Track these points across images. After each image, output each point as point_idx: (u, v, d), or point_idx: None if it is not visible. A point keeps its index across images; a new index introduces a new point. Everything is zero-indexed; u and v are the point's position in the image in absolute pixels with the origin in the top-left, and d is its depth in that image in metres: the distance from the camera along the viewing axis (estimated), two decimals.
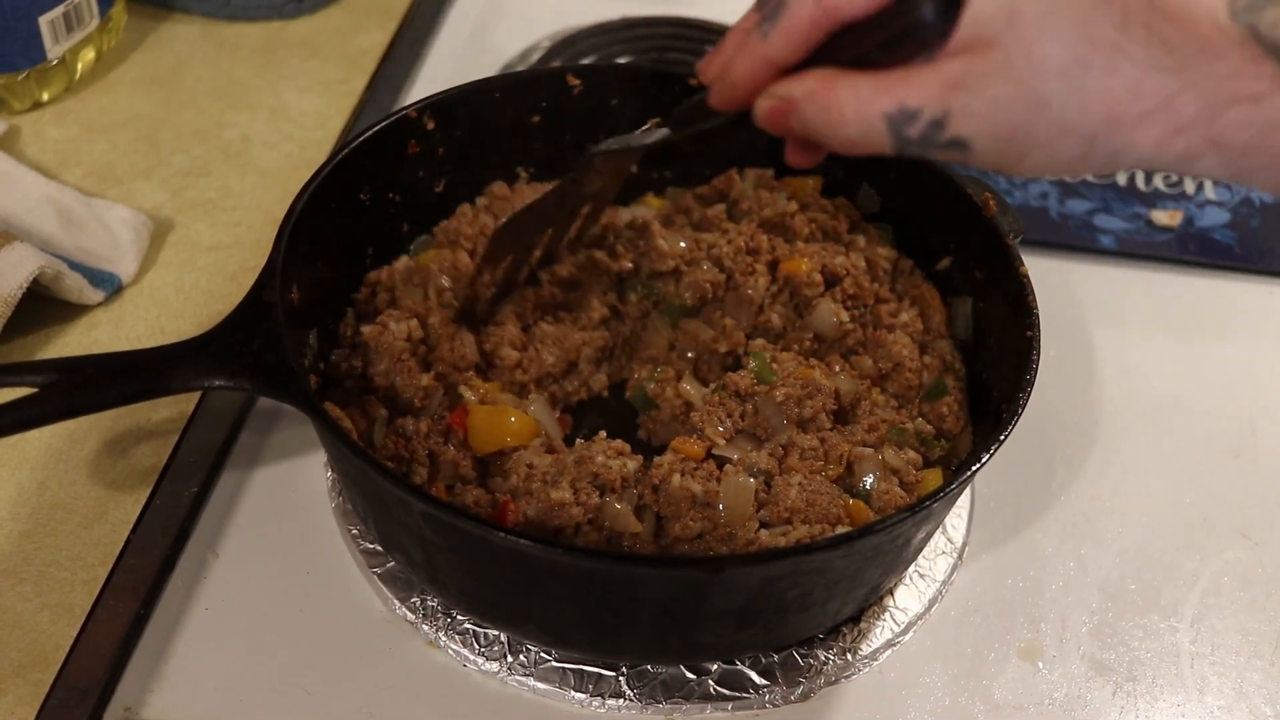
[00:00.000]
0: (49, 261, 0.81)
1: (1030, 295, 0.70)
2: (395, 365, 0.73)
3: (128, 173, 0.95)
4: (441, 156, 0.82)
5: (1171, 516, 0.79)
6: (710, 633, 0.63)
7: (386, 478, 0.60)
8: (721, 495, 0.67)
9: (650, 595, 0.61)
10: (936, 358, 0.76)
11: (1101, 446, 0.82)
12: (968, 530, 0.76)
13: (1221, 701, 0.70)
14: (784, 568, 0.60)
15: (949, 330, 0.78)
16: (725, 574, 0.59)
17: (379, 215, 0.80)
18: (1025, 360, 0.67)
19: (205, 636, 0.68)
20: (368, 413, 0.72)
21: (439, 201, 0.83)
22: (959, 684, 0.69)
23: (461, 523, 0.59)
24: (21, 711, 0.64)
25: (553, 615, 0.64)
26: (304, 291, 0.71)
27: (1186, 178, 1.03)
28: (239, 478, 0.76)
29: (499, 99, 0.82)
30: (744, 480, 0.67)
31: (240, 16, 1.11)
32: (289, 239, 0.69)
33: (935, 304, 0.79)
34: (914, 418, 0.73)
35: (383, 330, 0.74)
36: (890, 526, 0.60)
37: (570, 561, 0.60)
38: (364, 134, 0.77)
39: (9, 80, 0.96)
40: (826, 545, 0.61)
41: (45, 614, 0.68)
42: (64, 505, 0.73)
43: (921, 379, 0.75)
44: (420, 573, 0.67)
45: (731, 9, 1.15)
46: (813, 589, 0.62)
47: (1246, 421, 0.85)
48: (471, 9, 1.17)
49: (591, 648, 0.67)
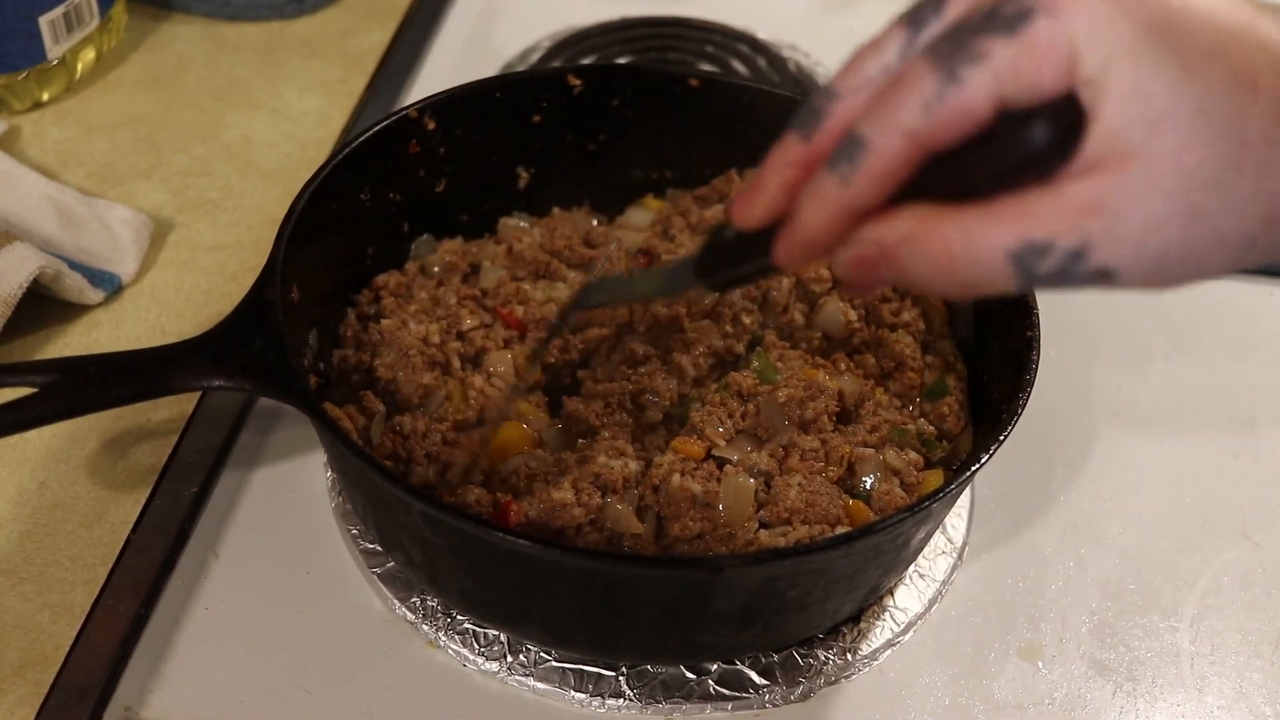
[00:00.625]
0: (49, 261, 0.81)
1: (1031, 295, 0.70)
2: (401, 360, 0.73)
3: (128, 173, 0.95)
4: (443, 156, 0.81)
5: (1171, 517, 0.79)
6: (711, 633, 0.63)
7: (386, 478, 0.60)
8: (721, 495, 0.67)
9: (651, 596, 0.61)
10: (938, 357, 0.76)
11: (1101, 446, 0.82)
12: (968, 530, 0.76)
13: (1221, 701, 0.70)
14: (784, 568, 0.60)
15: (950, 330, 0.78)
16: (725, 574, 0.59)
17: (380, 215, 0.80)
18: (1025, 361, 0.67)
19: (205, 636, 0.68)
20: (366, 409, 0.72)
21: (440, 201, 0.83)
22: (959, 684, 0.69)
23: (461, 524, 0.59)
24: (22, 711, 0.64)
25: (554, 616, 0.64)
26: (304, 291, 0.71)
27: None
28: (239, 478, 0.76)
29: (500, 99, 0.82)
30: (743, 481, 0.67)
31: (241, 16, 1.11)
32: (289, 238, 0.69)
33: (937, 303, 0.79)
34: (916, 418, 0.73)
35: (401, 326, 0.75)
36: (889, 527, 0.60)
37: (572, 562, 0.60)
38: (365, 134, 0.77)
39: (9, 80, 0.96)
40: (826, 545, 0.61)
41: (45, 614, 0.68)
42: (64, 505, 0.73)
43: (923, 378, 0.75)
44: (420, 573, 0.66)
45: (729, 9, 1.16)
46: (812, 589, 0.62)
47: (1247, 422, 0.85)
48: (471, 9, 1.17)
49: (592, 648, 0.67)
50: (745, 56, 1.11)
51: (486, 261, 0.81)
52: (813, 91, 0.49)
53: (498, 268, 0.80)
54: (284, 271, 0.68)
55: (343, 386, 0.75)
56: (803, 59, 1.12)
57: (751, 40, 1.13)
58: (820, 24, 1.19)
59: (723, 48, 1.12)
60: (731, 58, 1.11)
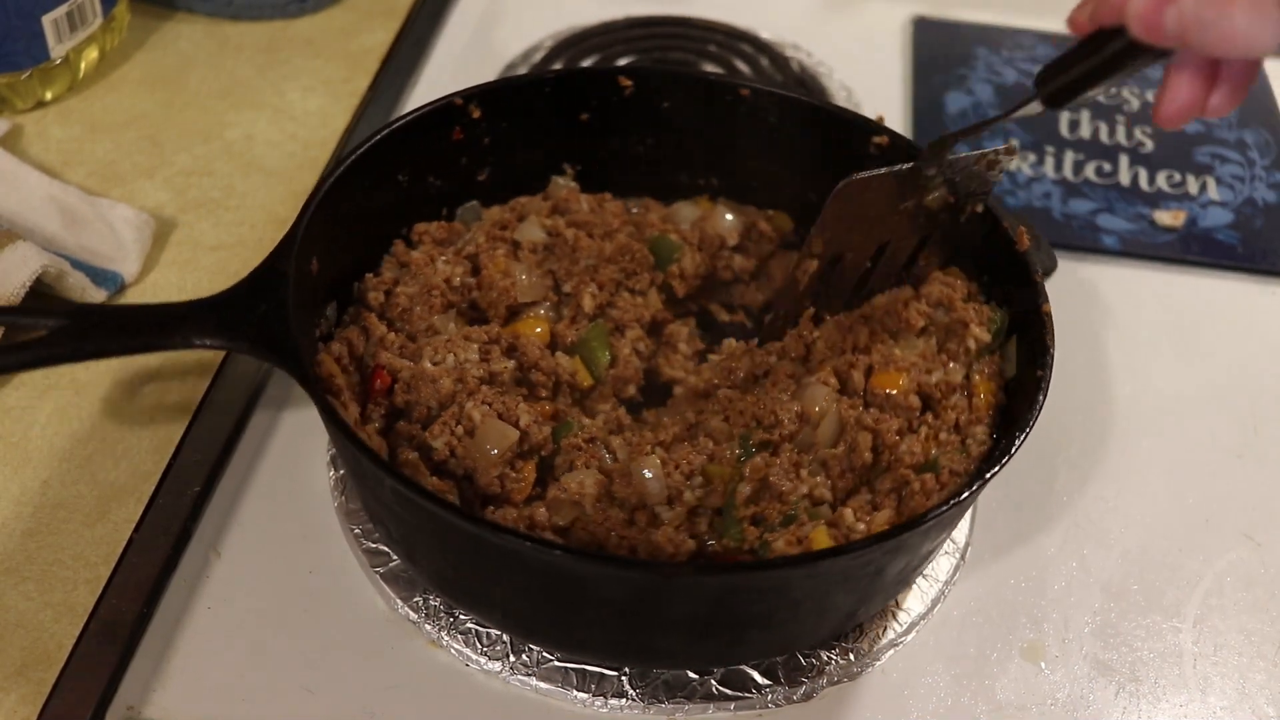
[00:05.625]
0: (52, 260, 0.81)
1: (1049, 334, 0.68)
2: (422, 294, 0.74)
3: (131, 172, 0.95)
4: (487, 146, 0.82)
5: (1174, 517, 0.79)
6: (669, 639, 0.63)
7: (363, 452, 0.60)
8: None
9: (604, 594, 0.60)
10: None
11: (1104, 447, 0.82)
12: (970, 531, 0.76)
13: (1224, 702, 0.70)
14: (736, 581, 0.60)
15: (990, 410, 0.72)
16: (677, 581, 0.59)
17: (418, 198, 0.80)
18: (1030, 399, 0.65)
19: (208, 636, 0.68)
20: (366, 329, 0.73)
21: (482, 191, 0.83)
22: (961, 684, 0.69)
23: (422, 500, 0.59)
24: (24, 710, 0.64)
25: (516, 603, 0.64)
26: (325, 264, 0.72)
27: (1189, 177, 1.03)
28: (241, 477, 0.76)
29: (549, 94, 0.82)
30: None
31: (243, 16, 1.11)
32: (315, 211, 0.70)
33: (987, 393, 0.72)
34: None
35: (429, 262, 0.76)
36: (850, 553, 0.59)
37: (525, 551, 0.58)
38: (407, 116, 0.77)
39: (12, 79, 0.96)
40: (783, 563, 0.61)
41: (48, 613, 0.68)
42: (66, 504, 0.73)
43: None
44: (398, 549, 0.67)
45: (732, 9, 1.16)
46: (775, 608, 0.61)
47: (1250, 422, 0.85)
48: (474, 8, 1.17)
49: (553, 641, 0.67)
50: (748, 56, 1.11)
51: (532, 215, 0.81)
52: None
53: (534, 224, 0.80)
54: (304, 243, 0.69)
55: (355, 306, 0.76)
56: (805, 58, 1.12)
57: (754, 40, 1.13)
58: (823, 24, 1.19)
59: (725, 47, 1.12)
60: (734, 57, 1.11)
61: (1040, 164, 1.04)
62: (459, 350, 0.72)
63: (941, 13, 1.20)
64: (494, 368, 0.72)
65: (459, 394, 0.70)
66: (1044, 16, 1.19)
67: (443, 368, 0.71)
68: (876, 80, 1.12)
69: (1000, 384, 0.72)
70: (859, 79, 1.11)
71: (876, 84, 1.11)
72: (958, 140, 0.71)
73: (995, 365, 0.73)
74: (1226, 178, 1.04)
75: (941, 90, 1.11)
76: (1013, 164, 0.69)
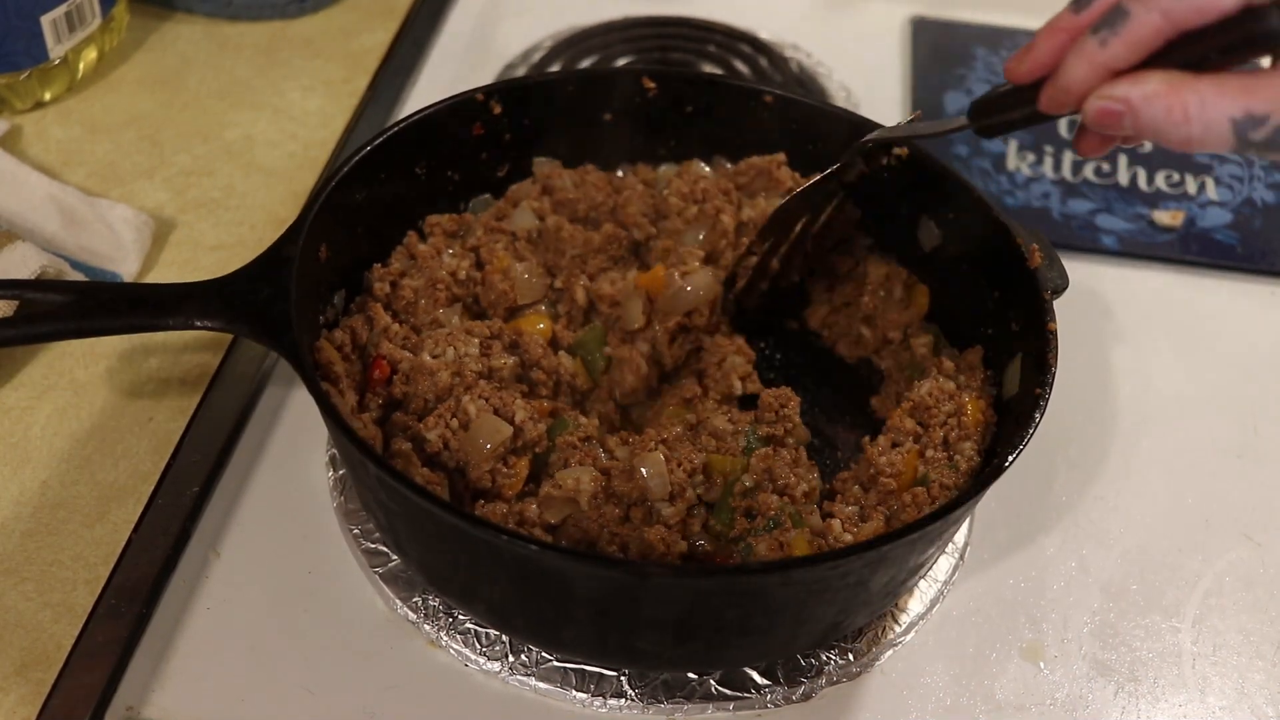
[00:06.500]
0: (51, 261, 0.81)
1: (1052, 353, 0.68)
2: (428, 287, 0.75)
3: (130, 172, 0.95)
4: (508, 143, 0.82)
5: (1174, 517, 0.79)
6: (648, 640, 0.63)
7: (349, 437, 0.60)
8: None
9: (581, 592, 0.60)
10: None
11: (1104, 447, 0.82)
12: (969, 530, 0.76)
13: (1223, 702, 0.70)
14: (712, 584, 0.60)
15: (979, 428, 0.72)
16: (652, 582, 0.59)
17: (435, 190, 0.81)
18: (1026, 418, 0.65)
19: (207, 636, 0.68)
20: (370, 319, 0.74)
21: (502, 187, 0.83)
22: (960, 684, 0.69)
23: (404, 489, 0.59)
24: (24, 711, 0.64)
25: (498, 597, 0.64)
26: (335, 251, 0.72)
27: (1188, 177, 1.03)
28: (240, 477, 0.76)
29: (572, 93, 0.83)
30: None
31: (243, 16, 1.11)
32: (325, 199, 0.70)
33: (976, 412, 0.72)
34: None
35: (435, 255, 0.77)
36: (827, 562, 0.59)
37: (501, 545, 0.58)
38: (426, 110, 0.77)
39: (11, 80, 0.96)
40: (758, 569, 0.61)
41: (47, 613, 0.68)
42: (66, 505, 0.73)
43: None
44: (388, 537, 0.68)
45: (731, 9, 1.16)
46: (752, 614, 0.61)
47: (1249, 422, 0.85)
48: (473, 8, 1.17)
49: (536, 637, 0.67)
50: (747, 56, 1.12)
51: (524, 201, 0.81)
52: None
53: (526, 210, 0.81)
54: (313, 230, 0.69)
55: (362, 295, 0.76)
56: (804, 59, 1.12)
57: (753, 40, 1.13)
58: (822, 24, 1.19)
59: (725, 48, 1.12)
60: (733, 58, 1.11)
61: (1039, 164, 1.04)
62: (459, 344, 0.72)
63: (940, 13, 1.21)
64: (494, 363, 0.72)
65: (456, 387, 0.70)
66: (1043, 16, 1.18)
67: (441, 361, 0.71)
68: (875, 80, 1.12)
69: (989, 401, 0.72)
70: (858, 79, 1.11)
71: (875, 84, 1.11)
72: (890, 148, 0.76)
73: (983, 382, 0.73)
74: (1225, 178, 1.04)
75: (940, 90, 1.11)
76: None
